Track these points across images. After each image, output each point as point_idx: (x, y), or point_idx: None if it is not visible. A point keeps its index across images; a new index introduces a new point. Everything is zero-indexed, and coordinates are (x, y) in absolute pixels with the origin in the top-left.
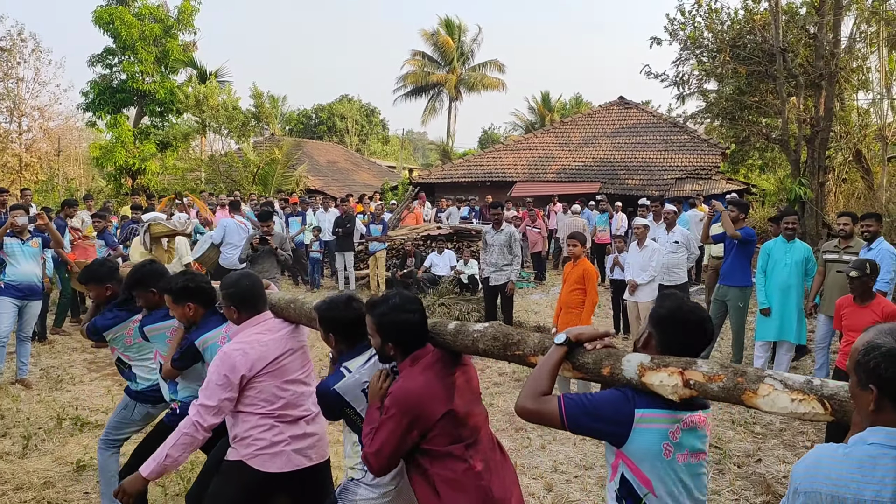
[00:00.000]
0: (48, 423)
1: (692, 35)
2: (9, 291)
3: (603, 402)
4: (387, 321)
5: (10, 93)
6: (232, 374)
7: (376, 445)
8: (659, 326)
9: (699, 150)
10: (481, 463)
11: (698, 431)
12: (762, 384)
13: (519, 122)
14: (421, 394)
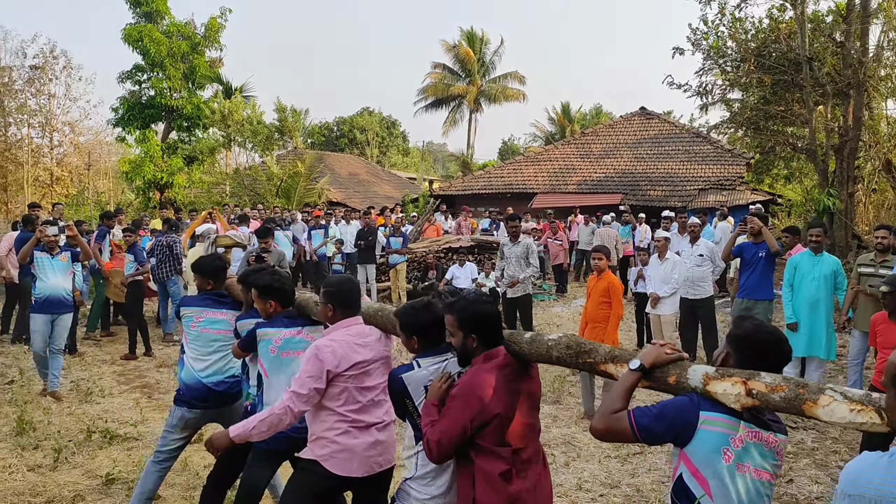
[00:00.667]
0: (78, 435)
1: (715, 45)
2: (39, 307)
3: (669, 406)
4: (467, 314)
5: (43, 109)
6: (321, 366)
7: (437, 434)
8: (737, 347)
9: (723, 160)
10: (520, 470)
11: (765, 449)
12: (823, 395)
13: (539, 134)
14: (485, 389)
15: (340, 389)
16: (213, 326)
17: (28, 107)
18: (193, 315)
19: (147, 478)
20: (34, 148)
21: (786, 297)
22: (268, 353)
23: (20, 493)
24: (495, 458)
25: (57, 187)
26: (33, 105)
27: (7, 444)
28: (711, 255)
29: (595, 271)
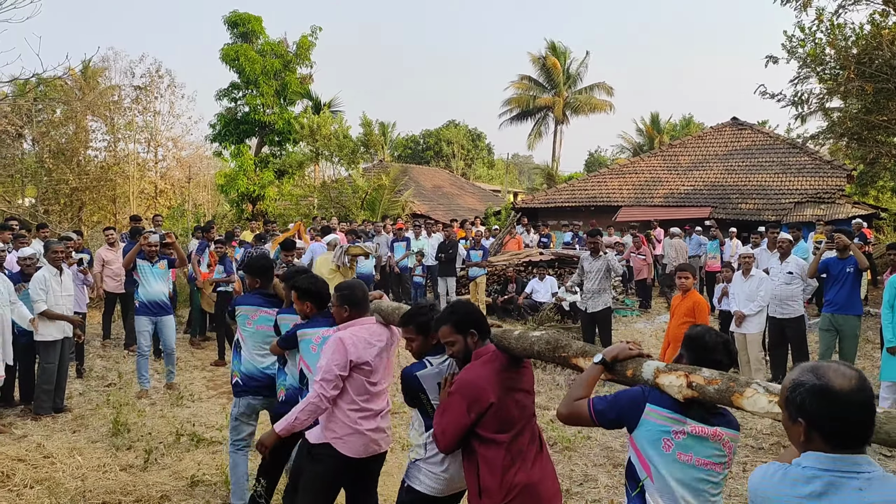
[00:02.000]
0: (168, 437)
1: (812, 52)
2: (143, 310)
3: (622, 395)
4: (460, 316)
5: (149, 125)
6: (345, 355)
7: (442, 426)
8: (687, 347)
9: (821, 172)
10: (519, 453)
11: (710, 442)
12: (748, 388)
13: (626, 145)
14: (477, 381)
15: (353, 380)
16: (268, 324)
17: (135, 123)
18: (249, 314)
19: (236, 467)
20: (140, 162)
21: (886, 319)
22: (309, 351)
23: (112, 492)
24: (496, 447)
25: (160, 199)
26: (140, 122)
27: (103, 444)
28: (802, 272)
29: (680, 290)
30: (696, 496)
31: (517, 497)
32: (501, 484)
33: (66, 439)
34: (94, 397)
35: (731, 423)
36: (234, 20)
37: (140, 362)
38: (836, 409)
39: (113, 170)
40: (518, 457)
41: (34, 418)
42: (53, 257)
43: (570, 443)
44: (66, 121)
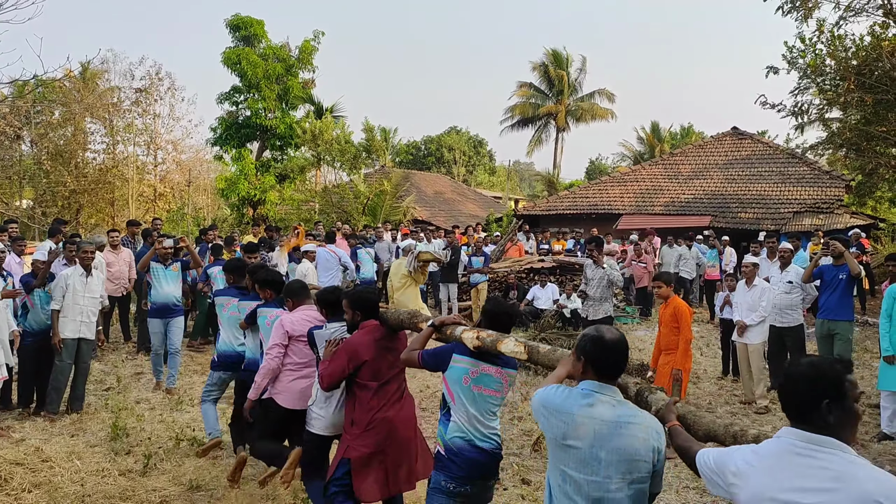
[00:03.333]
0: (167, 442)
1: (813, 63)
2: (154, 311)
3: (441, 350)
4: (355, 298)
5: (148, 128)
6: (283, 330)
7: (328, 370)
8: (483, 316)
9: (820, 182)
10: (384, 397)
11: (492, 377)
12: (506, 339)
13: (627, 153)
14: (357, 344)
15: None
16: (240, 311)
17: (135, 126)
18: (224, 303)
19: (207, 411)
20: (139, 165)
21: (883, 329)
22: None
23: (111, 497)
24: (368, 391)
25: (160, 202)
26: (139, 124)
27: (102, 449)
28: (801, 282)
29: (659, 298)
30: (484, 412)
31: (376, 426)
32: (367, 417)
33: (64, 443)
34: (93, 401)
35: (509, 364)
36: (236, 23)
37: (154, 359)
38: (603, 353)
39: (111, 172)
40: (383, 399)
41: (46, 418)
42: (83, 257)
43: None
44: (64, 123)
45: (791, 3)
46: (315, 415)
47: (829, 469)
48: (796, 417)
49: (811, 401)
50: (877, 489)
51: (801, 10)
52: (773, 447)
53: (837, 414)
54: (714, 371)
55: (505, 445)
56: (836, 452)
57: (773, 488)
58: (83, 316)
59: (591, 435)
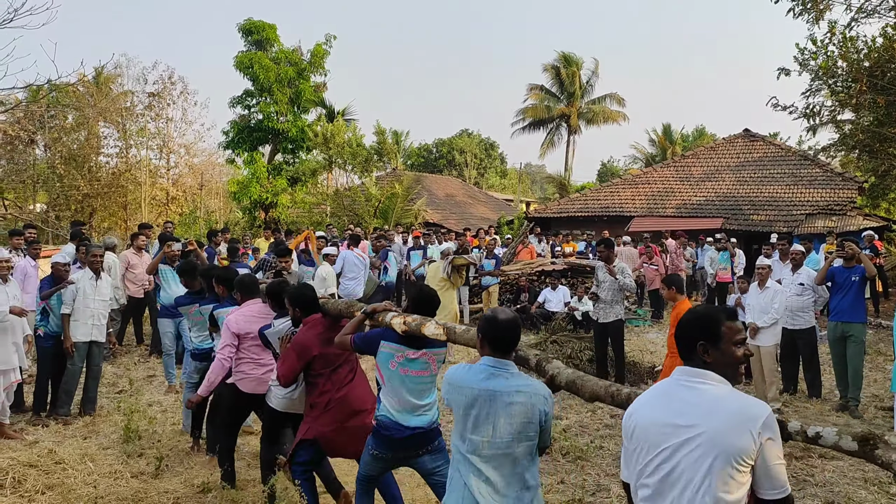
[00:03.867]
0: (179, 445)
1: (824, 65)
2: (165, 312)
3: (371, 334)
4: (295, 296)
5: (161, 132)
6: (230, 332)
7: (281, 371)
8: (411, 303)
9: (832, 184)
10: (337, 381)
11: (419, 360)
12: (428, 322)
13: (639, 155)
14: (305, 340)
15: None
16: (205, 314)
17: (147, 130)
18: (187, 310)
19: (186, 395)
20: (152, 169)
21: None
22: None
23: (124, 499)
24: (321, 377)
25: (172, 206)
26: (152, 128)
27: (115, 451)
28: (813, 284)
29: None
30: (415, 391)
31: (333, 406)
32: (324, 399)
33: (77, 445)
34: (106, 404)
35: (435, 345)
36: (248, 28)
37: (166, 360)
38: (496, 331)
39: (124, 176)
40: (336, 383)
41: (56, 419)
42: (92, 261)
43: (582, 453)
44: (78, 127)
45: (802, 4)
46: (275, 393)
47: (705, 395)
48: (683, 357)
49: (691, 341)
50: (745, 411)
51: (812, 11)
52: (662, 383)
53: (714, 354)
54: None
55: None
56: (713, 383)
57: (657, 414)
58: (94, 319)
59: (487, 404)
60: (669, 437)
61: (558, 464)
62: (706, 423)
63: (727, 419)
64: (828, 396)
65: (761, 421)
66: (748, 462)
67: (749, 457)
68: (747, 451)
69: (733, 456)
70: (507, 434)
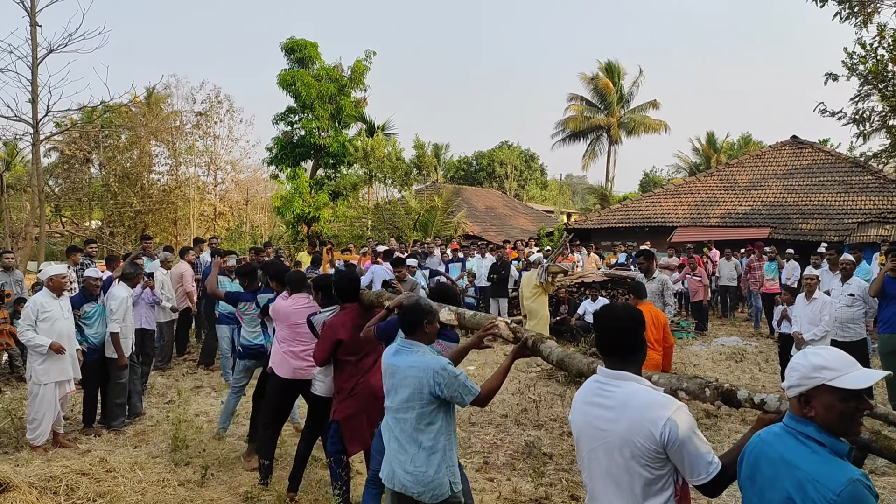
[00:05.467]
0: (224, 454)
1: (874, 68)
2: (223, 319)
3: (390, 324)
4: (336, 283)
5: (209, 149)
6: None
7: (315, 353)
8: (431, 296)
9: (885, 191)
10: (362, 368)
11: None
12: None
13: (682, 164)
14: (336, 324)
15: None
16: (255, 311)
17: (196, 148)
18: (245, 306)
19: (230, 402)
20: (200, 185)
21: None
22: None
23: None
24: (349, 364)
25: (219, 221)
26: (200, 146)
27: (163, 460)
28: (864, 294)
29: None
30: None
31: (358, 391)
32: (349, 384)
33: (127, 454)
34: (155, 414)
35: (450, 337)
36: (290, 46)
37: (224, 363)
38: (402, 315)
39: (174, 193)
40: (362, 369)
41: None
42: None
43: None
44: (130, 146)
45: (849, 7)
46: (318, 380)
47: (617, 397)
48: (605, 354)
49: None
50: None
51: (859, 14)
52: (587, 384)
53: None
54: (773, 387)
55: (554, 461)
56: (626, 382)
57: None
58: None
59: (393, 375)
60: (592, 441)
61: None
62: (615, 425)
63: (631, 420)
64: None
65: (662, 422)
66: (658, 458)
67: (656, 454)
68: (651, 449)
69: (640, 455)
70: (402, 401)
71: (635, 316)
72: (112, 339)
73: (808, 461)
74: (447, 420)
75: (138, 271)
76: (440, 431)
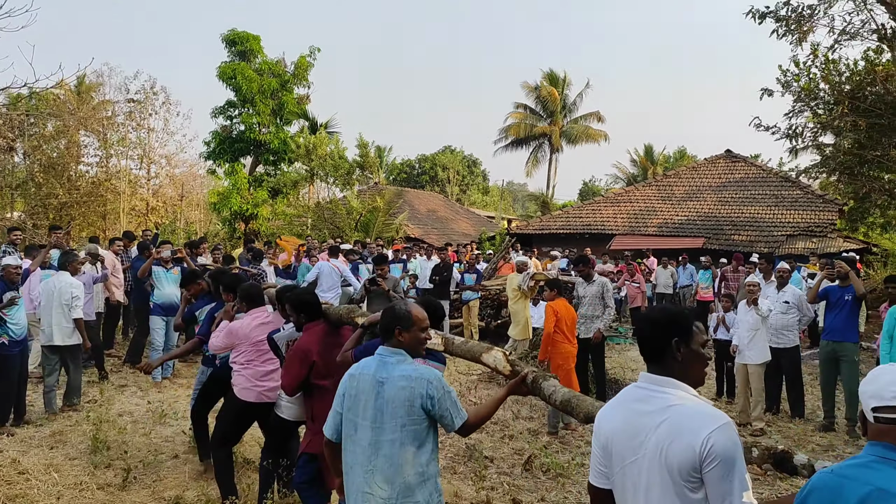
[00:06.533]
0: (148, 456)
1: (807, 86)
2: (157, 310)
3: (371, 345)
4: (296, 301)
5: (142, 142)
6: (227, 340)
7: (287, 380)
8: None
9: (813, 206)
10: None
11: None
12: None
13: (621, 175)
14: (306, 348)
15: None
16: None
17: (128, 140)
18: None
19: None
20: (132, 179)
21: (884, 349)
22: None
23: None
24: (323, 390)
25: (152, 217)
26: (133, 138)
27: (81, 462)
28: (799, 302)
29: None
30: None
31: None
32: (325, 412)
33: (42, 455)
34: (74, 413)
35: (436, 358)
36: (232, 38)
37: (153, 356)
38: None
39: (104, 185)
40: None
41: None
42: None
43: (563, 469)
44: (57, 135)
45: (786, 25)
46: (285, 403)
47: (658, 404)
48: (651, 359)
49: (663, 341)
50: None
51: (795, 32)
52: (625, 392)
53: (685, 352)
54: (707, 393)
55: (495, 464)
56: (672, 391)
57: (618, 427)
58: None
59: (378, 394)
60: (627, 452)
61: (539, 481)
62: (654, 434)
63: (670, 429)
64: (810, 416)
65: (706, 433)
66: (694, 477)
67: (692, 472)
68: (689, 465)
69: (678, 472)
70: (388, 419)
71: (674, 318)
72: (77, 325)
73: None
74: (436, 442)
75: (72, 259)
76: (432, 456)
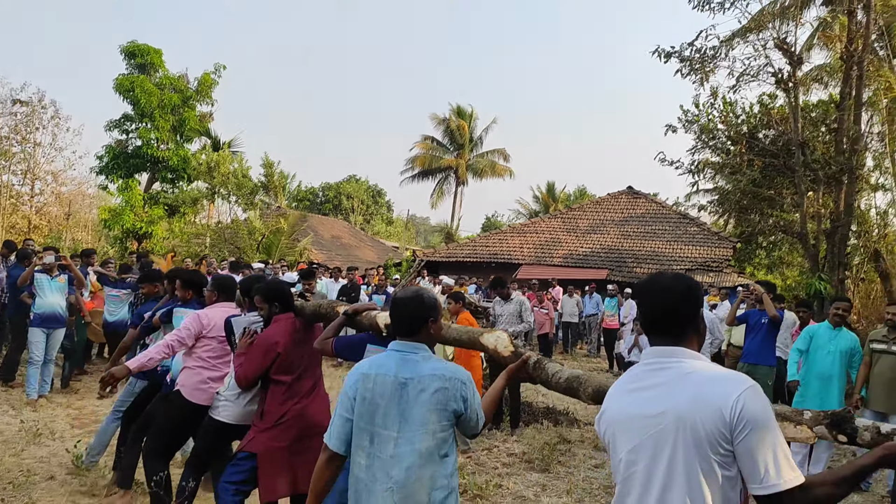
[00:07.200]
0: (19, 477)
1: (706, 126)
2: (37, 321)
3: (355, 340)
4: (269, 291)
5: (27, 156)
6: (195, 326)
7: (244, 370)
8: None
9: (710, 242)
10: (298, 392)
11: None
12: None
13: (523, 210)
14: (273, 338)
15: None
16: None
17: (11, 153)
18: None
19: (108, 428)
20: (14, 195)
21: (793, 358)
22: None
23: None
24: (281, 385)
25: (34, 235)
26: (18, 151)
27: None
28: (711, 326)
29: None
30: None
31: (289, 419)
32: (279, 410)
33: None
34: None
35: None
36: (131, 50)
37: (30, 371)
38: (393, 311)
39: None
40: (297, 393)
41: None
42: None
43: (481, 490)
44: None
45: (690, 66)
46: (223, 402)
47: (673, 373)
48: (656, 334)
49: (673, 313)
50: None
51: (699, 73)
52: (631, 370)
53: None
54: None
55: None
56: (686, 359)
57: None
58: None
59: (400, 397)
60: (635, 433)
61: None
62: (670, 403)
63: (691, 396)
64: None
65: (735, 395)
66: (724, 449)
67: (723, 443)
68: (718, 434)
69: (705, 445)
70: (419, 427)
71: (690, 284)
72: None
73: None
74: (455, 450)
75: None
76: (454, 467)
